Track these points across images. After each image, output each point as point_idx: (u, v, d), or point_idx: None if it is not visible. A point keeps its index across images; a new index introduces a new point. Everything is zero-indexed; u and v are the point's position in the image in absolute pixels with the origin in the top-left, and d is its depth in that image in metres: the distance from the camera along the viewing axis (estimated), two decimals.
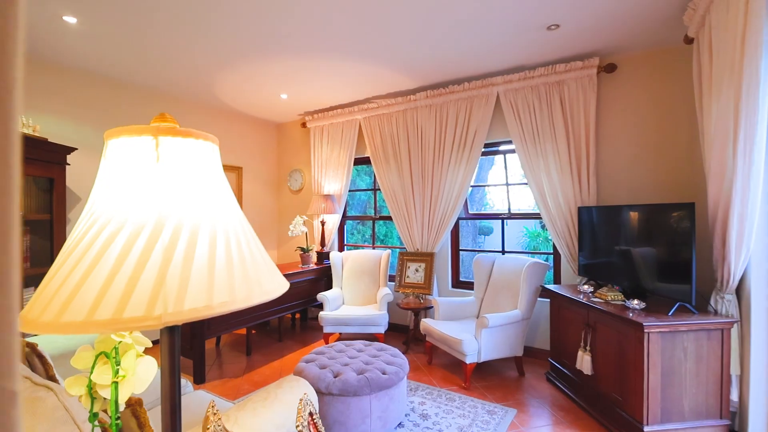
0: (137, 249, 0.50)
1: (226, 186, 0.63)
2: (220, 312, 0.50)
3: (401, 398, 2.55)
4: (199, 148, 0.59)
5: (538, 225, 8.33)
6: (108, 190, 0.54)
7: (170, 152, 0.56)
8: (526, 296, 3.28)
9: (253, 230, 0.67)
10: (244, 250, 0.58)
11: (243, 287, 0.54)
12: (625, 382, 2.38)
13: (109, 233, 0.51)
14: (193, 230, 0.53)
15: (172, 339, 0.61)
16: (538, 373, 3.42)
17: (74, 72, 3.62)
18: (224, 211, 0.59)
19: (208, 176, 0.59)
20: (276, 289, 0.60)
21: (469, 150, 3.95)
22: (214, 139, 0.63)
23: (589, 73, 3.32)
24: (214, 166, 0.61)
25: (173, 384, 0.61)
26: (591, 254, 3.19)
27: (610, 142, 3.40)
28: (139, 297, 0.47)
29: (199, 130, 0.60)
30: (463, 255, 6.35)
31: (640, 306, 2.47)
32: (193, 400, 2.09)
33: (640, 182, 3.26)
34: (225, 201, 0.61)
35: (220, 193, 0.61)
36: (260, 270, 0.59)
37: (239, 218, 0.62)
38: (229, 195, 0.63)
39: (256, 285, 0.56)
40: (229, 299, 0.51)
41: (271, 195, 5.76)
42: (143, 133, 0.55)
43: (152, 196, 0.53)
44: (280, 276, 0.64)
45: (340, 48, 3.22)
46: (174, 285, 0.49)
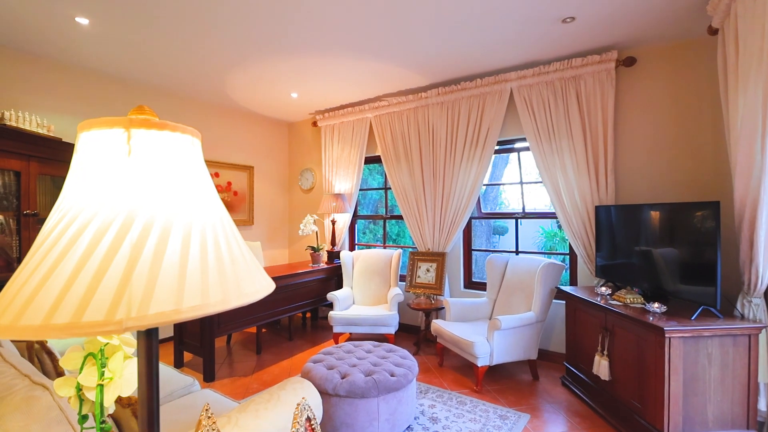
0: (104, 245, 0.46)
1: (207, 182, 0.59)
2: (191, 317, 0.46)
3: (410, 401, 2.50)
4: (176, 141, 0.55)
5: (555, 225, 8.15)
6: (78, 185, 0.51)
7: (143, 145, 0.52)
8: (540, 298, 3.18)
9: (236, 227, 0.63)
10: (223, 250, 0.54)
11: (218, 289, 0.50)
12: (645, 389, 2.27)
13: (76, 229, 0.47)
14: (165, 227, 0.49)
15: (149, 342, 0.57)
16: (553, 377, 3.32)
17: (87, 73, 3.68)
18: (202, 207, 0.55)
19: (186, 171, 0.56)
20: (257, 291, 0.56)
21: (482, 148, 3.86)
22: (194, 132, 0.59)
23: (606, 67, 3.20)
24: (193, 161, 0.58)
25: (150, 391, 0.58)
26: (609, 255, 3.07)
27: (629, 138, 3.27)
28: (101, 298, 0.43)
29: (177, 123, 0.56)
30: (477, 255, 6.25)
31: (660, 309, 2.36)
32: (198, 399, 2.08)
33: (660, 180, 3.13)
34: (204, 197, 0.57)
35: (200, 188, 0.57)
36: (240, 271, 0.55)
37: (220, 216, 0.58)
38: (210, 191, 0.59)
39: (234, 287, 0.52)
40: (202, 302, 0.47)
41: (282, 194, 5.77)
42: (115, 125, 0.52)
43: (123, 190, 0.49)
44: (263, 278, 0.60)
45: (350, 45, 3.18)
46: (140, 286, 0.45)
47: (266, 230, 5.48)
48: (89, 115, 3.67)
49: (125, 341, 0.82)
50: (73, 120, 3.55)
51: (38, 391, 1.05)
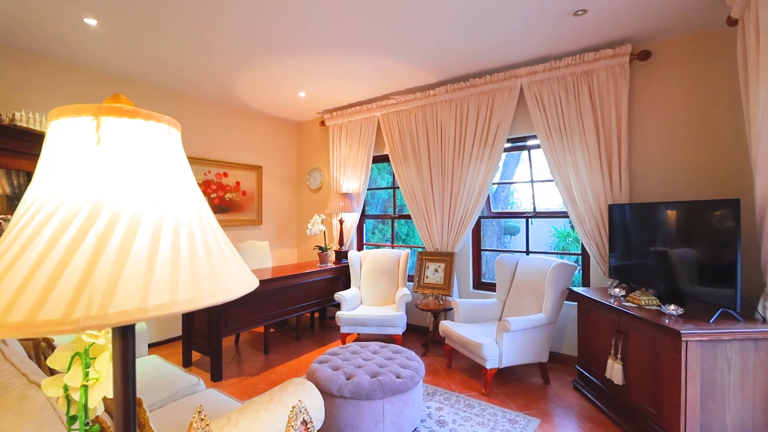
0: (68, 236, 0.43)
1: (185, 174, 0.56)
2: (156, 316, 0.43)
3: (416, 403, 2.45)
4: (150, 130, 0.52)
5: (567, 225, 8.00)
6: (46, 175, 0.48)
7: (114, 134, 0.49)
8: (551, 299, 3.10)
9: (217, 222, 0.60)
10: (198, 245, 0.51)
11: (189, 287, 0.47)
12: (661, 394, 2.19)
13: (40, 220, 0.45)
14: (134, 219, 0.46)
15: (125, 342, 0.54)
16: (565, 380, 3.23)
17: (96, 73, 3.72)
18: (178, 200, 0.52)
19: (161, 161, 0.52)
20: (234, 289, 0.53)
21: (491, 146, 3.79)
22: (172, 122, 0.56)
23: (620, 61, 3.11)
24: (170, 151, 0.55)
25: (126, 393, 0.55)
26: (623, 255, 2.98)
27: (643, 134, 3.17)
28: (60, 295, 0.40)
29: (153, 112, 0.53)
30: (487, 255, 6.17)
31: (677, 312, 2.27)
32: (203, 399, 2.07)
33: (677, 177, 3.02)
34: (181, 190, 0.54)
35: (176, 180, 0.54)
36: (216, 268, 0.52)
37: (197, 209, 0.55)
38: (188, 184, 0.56)
39: (207, 285, 0.49)
40: (170, 300, 0.44)
41: (290, 194, 5.78)
42: (83, 113, 0.49)
43: (91, 180, 0.47)
44: (243, 276, 0.57)
45: (358, 43, 3.15)
46: (102, 281, 0.42)
47: (275, 230, 5.49)
48: None
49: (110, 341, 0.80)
50: None
51: (33, 390, 1.04)
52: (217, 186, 4.69)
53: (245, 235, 5.03)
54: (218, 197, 4.70)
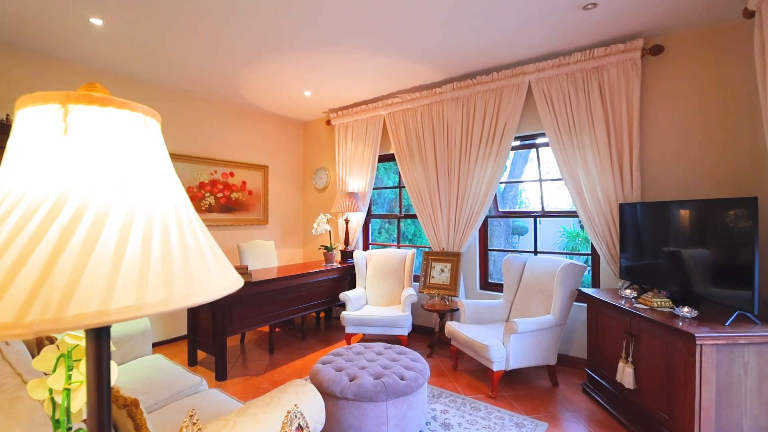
0: (29, 229, 0.40)
1: (162, 166, 0.53)
2: (119, 319, 0.39)
3: (421, 406, 2.41)
4: (123, 119, 0.49)
5: (577, 224, 7.87)
6: (10, 166, 0.45)
7: (83, 123, 0.46)
8: (560, 300, 3.04)
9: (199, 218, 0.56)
10: (173, 241, 0.47)
11: (159, 288, 0.43)
12: (674, 399, 2.12)
13: (2, 212, 0.42)
14: (101, 211, 0.43)
15: (98, 345, 0.51)
16: (574, 383, 3.16)
17: (102, 73, 3.73)
18: (153, 193, 0.49)
19: (136, 152, 0.49)
20: (214, 290, 0.49)
21: (498, 144, 3.73)
22: (149, 111, 0.53)
23: (631, 56, 3.02)
24: (146, 142, 0.51)
25: (100, 401, 0.51)
26: (634, 255, 2.89)
27: (656, 131, 3.08)
28: (14, 294, 0.37)
29: (127, 100, 0.50)
30: (495, 256, 6.09)
31: (691, 314, 2.19)
32: (205, 399, 2.05)
33: (691, 176, 2.93)
34: (157, 182, 0.50)
35: (152, 172, 0.50)
36: (193, 266, 0.48)
37: (174, 203, 0.51)
38: (167, 177, 0.53)
39: (182, 285, 0.45)
40: (137, 303, 0.41)
41: (296, 193, 5.77)
42: (50, 100, 0.46)
43: (57, 171, 0.43)
44: (224, 275, 0.53)
45: (363, 41, 3.11)
46: (62, 279, 0.38)
47: (281, 230, 5.48)
48: None
49: None
50: None
51: (25, 391, 1.02)
52: (223, 185, 4.70)
53: (251, 235, 5.03)
54: (224, 197, 4.70)
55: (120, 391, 1.38)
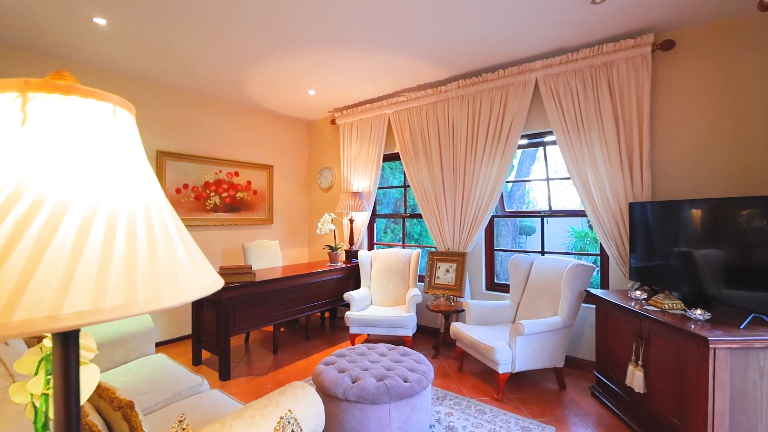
0: None
1: (135, 159, 0.50)
2: (71, 326, 0.36)
3: (424, 408, 2.36)
4: (90, 109, 0.46)
5: (586, 224, 7.75)
6: None
7: (43, 112, 0.43)
8: (567, 301, 2.97)
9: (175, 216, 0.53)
10: (140, 239, 0.44)
11: (121, 290, 0.40)
12: (686, 405, 2.05)
13: None
14: (60, 205, 0.40)
15: (66, 350, 0.48)
16: (582, 386, 3.09)
17: (105, 73, 3.73)
18: (121, 187, 0.45)
19: (103, 144, 0.46)
20: (186, 293, 0.46)
21: (505, 142, 3.67)
22: (119, 101, 0.49)
23: (641, 51, 2.95)
24: (115, 133, 0.48)
25: (68, 411, 0.48)
26: (645, 256, 2.82)
27: (667, 128, 3.00)
28: None
29: (93, 88, 0.46)
30: (502, 256, 6.02)
31: (704, 316, 2.12)
32: (206, 399, 2.03)
33: (703, 174, 2.85)
34: (127, 176, 0.47)
35: (121, 166, 0.47)
36: (162, 267, 0.45)
37: (145, 199, 0.48)
38: (137, 171, 0.49)
39: (147, 287, 0.42)
40: (93, 307, 0.37)
41: (301, 193, 5.75)
42: (8, 88, 0.43)
43: (13, 162, 0.40)
44: (201, 276, 0.50)
45: (366, 39, 3.08)
46: (11, 279, 0.35)
47: (286, 229, 5.47)
48: None
49: (81, 345, 0.75)
50: None
51: None
52: (228, 185, 4.70)
53: (256, 234, 5.03)
54: (229, 196, 4.70)
55: (116, 393, 1.36)
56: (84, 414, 1.27)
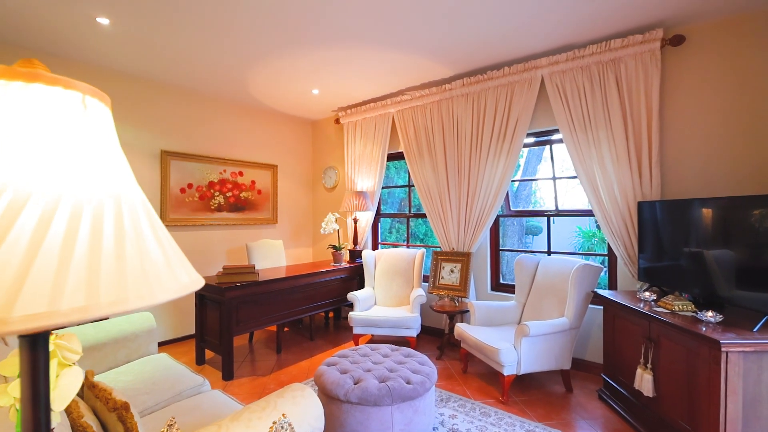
0: None
1: (105, 152, 0.47)
2: (22, 330, 0.33)
3: (428, 411, 2.33)
4: (54, 98, 0.43)
5: (593, 224, 7.65)
6: None
7: (2, 101, 0.40)
8: (574, 302, 2.91)
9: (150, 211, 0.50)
10: (105, 236, 0.41)
11: (81, 290, 0.37)
12: (696, 410, 1.99)
13: None
14: (16, 200, 0.37)
15: (34, 354, 0.45)
16: (589, 389, 3.03)
17: (109, 73, 3.73)
18: (88, 181, 0.43)
19: (69, 135, 0.43)
20: (156, 295, 0.43)
21: (510, 141, 3.61)
22: (91, 90, 0.47)
23: (650, 47, 2.88)
24: (84, 124, 0.45)
25: (36, 419, 0.46)
26: (654, 256, 2.75)
27: (676, 126, 2.93)
28: None
29: (62, 76, 0.44)
30: (507, 256, 5.95)
31: (715, 319, 2.06)
32: (206, 400, 2.02)
33: (714, 172, 2.77)
34: (95, 170, 0.44)
35: (89, 159, 0.44)
36: (131, 265, 0.42)
37: (117, 193, 0.45)
38: (110, 164, 0.47)
39: (112, 288, 0.39)
40: (48, 310, 0.35)
41: (305, 193, 5.74)
42: None
43: None
44: (174, 277, 0.47)
45: (370, 36, 3.05)
46: None
47: (290, 229, 5.46)
48: (116, 115, 3.75)
49: (63, 347, 0.73)
50: None
51: None
52: (232, 185, 4.69)
53: (261, 234, 5.02)
54: (233, 196, 4.70)
55: (112, 394, 1.34)
56: (79, 415, 1.26)
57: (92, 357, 2.36)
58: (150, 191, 4.00)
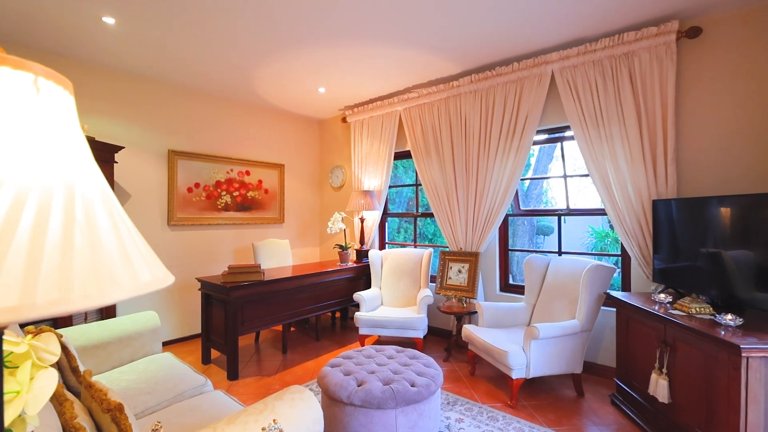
0: None
1: (59, 136, 0.43)
2: None
3: (433, 414, 2.27)
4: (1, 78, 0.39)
5: (606, 224, 7.48)
6: None
7: None
8: (586, 304, 2.83)
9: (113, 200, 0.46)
10: (51, 227, 0.37)
11: (15, 289, 0.33)
12: (714, 418, 1.89)
13: None
14: None
15: None
16: (601, 394, 2.94)
17: (115, 72, 3.74)
18: (35, 168, 0.39)
19: (15, 119, 0.39)
20: (106, 294, 0.39)
21: (519, 138, 3.53)
22: (43, 71, 0.43)
23: (665, 40, 2.78)
24: (35, 108, 0.41)
25: None
26: (669, 257, 2.65)
27: (693, 121, 2.82)
28: None
29: (14, 56, 0.40)
30: (518, 256, 5.85)
31: (735, 322, 1.96)
32: (207, 400, 1.99)
33: (733, 169, 2.66)
34: (46, 155, 0.40)
35: (41, 143, 0.40)
36: (77, 261, 0.38)
37: (70, 180, 0.41)
38: (64, 149, 0.43)
39: (50, 287, 0.35)
40: None
41: (313, 192, 5.72)
42: None
43: None
44: (131, 274, 0.42)
45: (375, 32, 3.00)
46: None
47: (297, 228, 5.45)
48: (124, 115, 3.77)
49: (39, 348, 0.69)
50: (107, 120, 3.65)
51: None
52: (239, 184, 4.69)
53: (268, 233, 5.01)
54: (240, 195, 4.70)
55: (108, 394, 1.32)
56: (72, 416, 1.23)
57: (96, 356, 2.36)
58: (157, 191, 4.01)
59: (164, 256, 4.04)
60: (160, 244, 4.02)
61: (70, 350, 1.87)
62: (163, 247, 4.05)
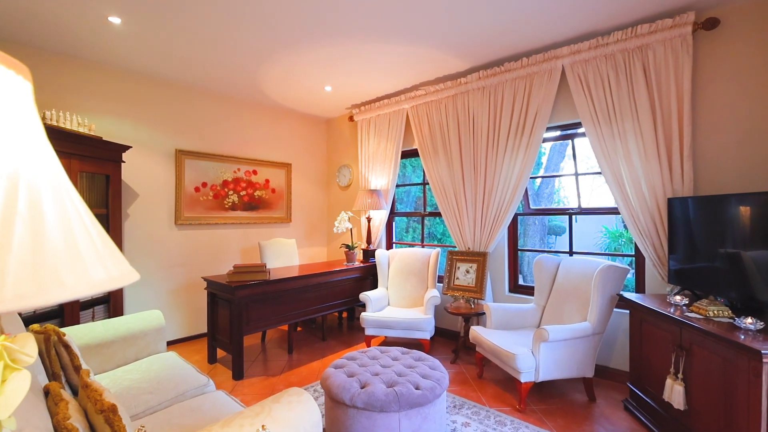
0: None
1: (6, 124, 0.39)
2: None
3: (438, 418, 2.21)
4: None
5: (620, 224, 7.32)
6: None
7: None
8: (598, 306, 2.74)
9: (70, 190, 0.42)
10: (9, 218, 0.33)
11: None
12: (734, 426, 1.80)
13: None
14: None
15: None
16: (614, 399, 2.84)
17: (121, 72, 3.75)
18: None
19: None
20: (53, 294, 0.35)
21: (529, 135, 3.45)
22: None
23: (681, 32, 2.68)
24: None
25: None
26: (685, 257, 2.55)
27: (710, 116, 2.71)
28: None
29: None
30: (528, 256, 5.75)
31: (755, 326, 1.87)
32: (209, 401, 1.97)
33: (753, 166, 2.55)
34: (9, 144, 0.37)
35: None
36: (15, 258, 0.34)
37: (14, 170, 0.37)
38: (9, 137, 0.39)
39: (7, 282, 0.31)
40: None
41: (320, 191, 5.70)
42: None
43: None
44: (81, 272, 0.39)
45: (382, 29, 2.96)
46: None
47: (304, 228, 5.44)
48: (131, 115, 3.80)
49: (11, 349, 0.66)
50: (114, 120, 3.67)
51: None
52: (246, 183, 4.70)
53: (274, 233, 5.01)
54: (247, 195, 4.70)
55: (103, 395, 1.30)
56: (64, 417, 1.21)
57: (101, 354, 2.37)
58: (165, 190, 4.03)
59: (171, 255, 4.06)
60: (168, 243, 4.04)
61: (72, 349, 1.86)
62: (171, 246, 4.06)
